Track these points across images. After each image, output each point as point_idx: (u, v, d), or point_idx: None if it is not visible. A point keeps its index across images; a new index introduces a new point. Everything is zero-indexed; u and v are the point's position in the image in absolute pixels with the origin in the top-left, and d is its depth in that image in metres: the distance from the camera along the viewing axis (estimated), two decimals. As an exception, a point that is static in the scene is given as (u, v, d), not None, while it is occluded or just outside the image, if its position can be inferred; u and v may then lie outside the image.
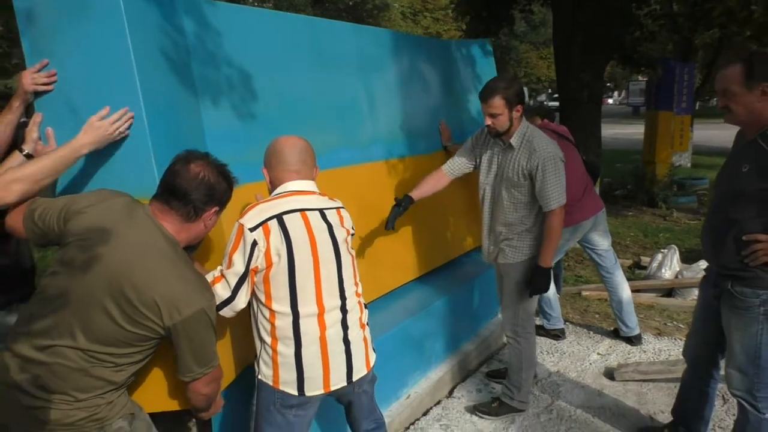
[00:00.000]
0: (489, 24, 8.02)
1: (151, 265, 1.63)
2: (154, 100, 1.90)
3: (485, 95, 2.74)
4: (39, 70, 1.87)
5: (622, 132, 21.29)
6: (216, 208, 1.80)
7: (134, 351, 1.65)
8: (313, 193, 1.99)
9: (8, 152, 1.94)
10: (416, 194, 3.02)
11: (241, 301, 1.85)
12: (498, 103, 2.70)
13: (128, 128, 1.86)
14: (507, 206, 2.90)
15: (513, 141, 2.80)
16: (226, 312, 1.86)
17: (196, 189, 1.71)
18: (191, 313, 1.64)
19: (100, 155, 1.87)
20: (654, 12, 8.16)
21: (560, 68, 6.92)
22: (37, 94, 1.90)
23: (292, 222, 1.86)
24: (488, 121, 2.77)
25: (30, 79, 1.86)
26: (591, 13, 6.23)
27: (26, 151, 1.86)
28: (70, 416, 1.58)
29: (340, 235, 1.98)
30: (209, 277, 1.86)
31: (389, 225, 2.90)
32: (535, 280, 2.89)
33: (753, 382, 2.30)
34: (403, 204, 2.95)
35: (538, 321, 4.17)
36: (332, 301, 1.93)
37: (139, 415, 1.74)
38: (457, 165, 3.10)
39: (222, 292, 1.82)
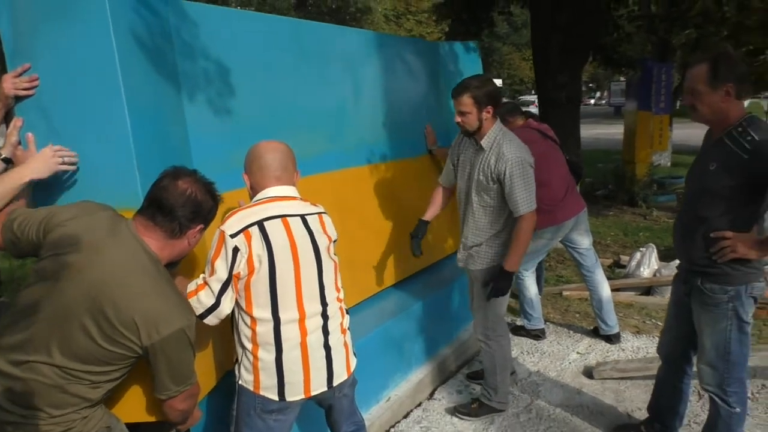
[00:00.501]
0: (469, 26, 8.10)
1: (132, 283, 1.61)
2: (138, 105, 1.87)
3: (455, 92, 2.76)
4: (20, 75, 1.84)
5: (603, 132, 21.45)
6: (201, 226, 1.79)
7: (111, 369, 1.64)
8: (294, 198, 1.99)
9: None
10: (429, 216, 3.17)
11: (225, 308, 1.85)
12: (467, 101, 2.71)
13: (73, 163, 1.84)
14: (477, 210, 2.89)
15: (484, 143, 2.80)
16: (211, 320, 1.85)
17: (183, 206, 1.70)
18: (170, 332, 1.63)
19: (81, 163, 1.86)
20: (632, 13, 8.28)
21: (539, 69, 6.99)
22: (18, 98, 1.87)
23: (273, 228, 1.86)
24: (457, 119, 2.80)
25: (11, 83, 1.83)
26: (569, 14, 6.31)
27: (4, 155, 1.83)
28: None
29: (322, 241, 1.99)
30: (192, 286, 1.85)
31: (416, 253, 3.07)
32: (496, 281, 2.86)
33: (723, 377, 2.35)
34: (420, 233, 3.07)
35: (519, 321, 4.22)
36: (313, 306, 1.93)
37: (116, 426, 1.73)
38: (447, 174, 3.17)
39: (206, 299, 1.82)
